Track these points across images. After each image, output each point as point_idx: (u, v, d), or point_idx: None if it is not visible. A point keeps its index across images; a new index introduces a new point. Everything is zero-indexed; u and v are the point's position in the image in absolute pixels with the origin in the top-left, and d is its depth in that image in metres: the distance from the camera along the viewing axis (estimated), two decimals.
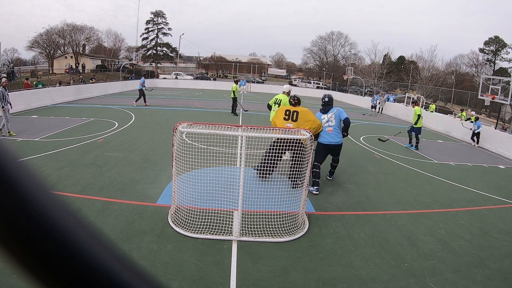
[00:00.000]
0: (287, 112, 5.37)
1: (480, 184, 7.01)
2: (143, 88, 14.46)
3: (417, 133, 9.83)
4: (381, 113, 20.71)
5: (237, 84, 14.49)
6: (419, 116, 9.63)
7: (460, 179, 7.15)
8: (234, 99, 13.59)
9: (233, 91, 13.59)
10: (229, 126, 4.02)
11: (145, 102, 14.58)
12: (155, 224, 4.04)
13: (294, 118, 5.29)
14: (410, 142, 10.06)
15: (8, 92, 8.53)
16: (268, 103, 7.45)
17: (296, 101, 5.52)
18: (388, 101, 22.39)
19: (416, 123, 9.70)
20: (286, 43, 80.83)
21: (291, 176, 4.84)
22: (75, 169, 5.72)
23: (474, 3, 60.57)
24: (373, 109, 20.54)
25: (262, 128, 4.18)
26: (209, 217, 4.05)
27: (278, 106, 6.97)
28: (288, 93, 7.34)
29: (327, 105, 5.74)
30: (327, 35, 50.03)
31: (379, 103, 20.94)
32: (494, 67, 39.97)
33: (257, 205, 4.33)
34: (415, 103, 10.91)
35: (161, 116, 12.08)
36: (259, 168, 5.36)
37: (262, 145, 5.24)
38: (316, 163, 5.47)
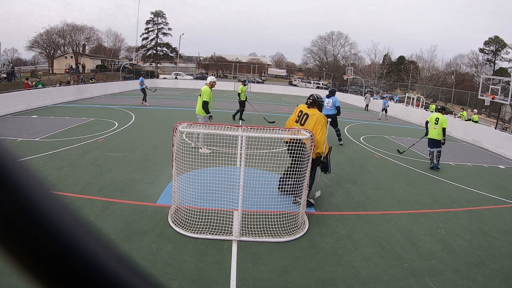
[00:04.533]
0: (300, 114, 4.86)
1: (480, 184, 7.01)
2: (145, 87, 14.99)
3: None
4: (366, 110, 21.88)
5: (244, 85, 12.35)
6: None
7: (460, 179, 7.15)
8: (242, 102, 11.92)
9: (239, 94, 11.99)
10: (229, 126, 4.03)
11: (144, 101, 15.03)
12: (155, 224, 4.04)
13: (302, 122, 4.73)
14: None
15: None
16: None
17: (311, 101, 4.78)
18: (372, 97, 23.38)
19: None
20: (286, 43, 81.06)
21: (292, 188, 4.44)
22: (75, 169, 5.72)
23: (474, 3, 60.61)
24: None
25: (262, 128, 4.18)
26: (209, 217, 4.04)
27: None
28: (210, 85, 7.24)
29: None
30: (327, 35, 50.14)
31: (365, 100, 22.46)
32: (494, 67, 40.01)
33: (257, 205, 4.32)
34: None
35: (161, 116, 12.08)
36: (281, 183, 4.90)
37: (262, 145, 5.23)
38: None
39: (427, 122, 8.11)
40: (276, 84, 36.85)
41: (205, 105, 7.05)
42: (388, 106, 18.05)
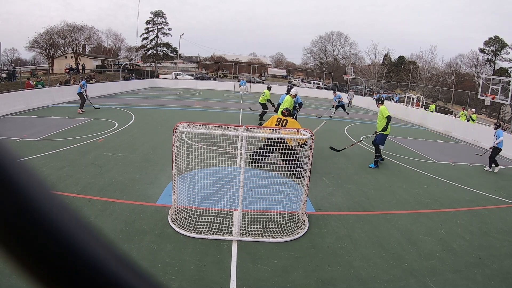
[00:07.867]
0: (279, 120, 6.58)
1: (480, 184, 7.01)
2: (82, 92, 11.85)
3: None
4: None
5: (269, 90, 13.08)
6: None
7: (460, 179, 7.15)
8: (264, 105, 12.54)
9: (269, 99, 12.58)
10: (229, 126, 4.02)
11: (81, 108, 11.69)
12: (155, 224, 4.04)
13: (284, 124, 6.43)
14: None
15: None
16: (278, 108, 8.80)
17: (288, 112, 6.77)
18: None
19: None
20: (286, 43, 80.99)
21: (292, 171, 4.99)
22: (75, 169, 5.72)
23: (474, 3, 60.52)
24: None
25: (262, 128, 4.18)
26: (209, 217, 4.04)
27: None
28: (294, 96, 8.75)
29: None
30: (327, 35, 50.03)
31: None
32: (494, 67, 39.95)
33: (257, 205, 4.32)
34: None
35: (161, 116, 12.08)
36: (252, 157, 5.98)
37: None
38: None
39: (390, 117, 7.15)
40: (276, 84, 36.85)
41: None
42: (339, 102, 16.06)
